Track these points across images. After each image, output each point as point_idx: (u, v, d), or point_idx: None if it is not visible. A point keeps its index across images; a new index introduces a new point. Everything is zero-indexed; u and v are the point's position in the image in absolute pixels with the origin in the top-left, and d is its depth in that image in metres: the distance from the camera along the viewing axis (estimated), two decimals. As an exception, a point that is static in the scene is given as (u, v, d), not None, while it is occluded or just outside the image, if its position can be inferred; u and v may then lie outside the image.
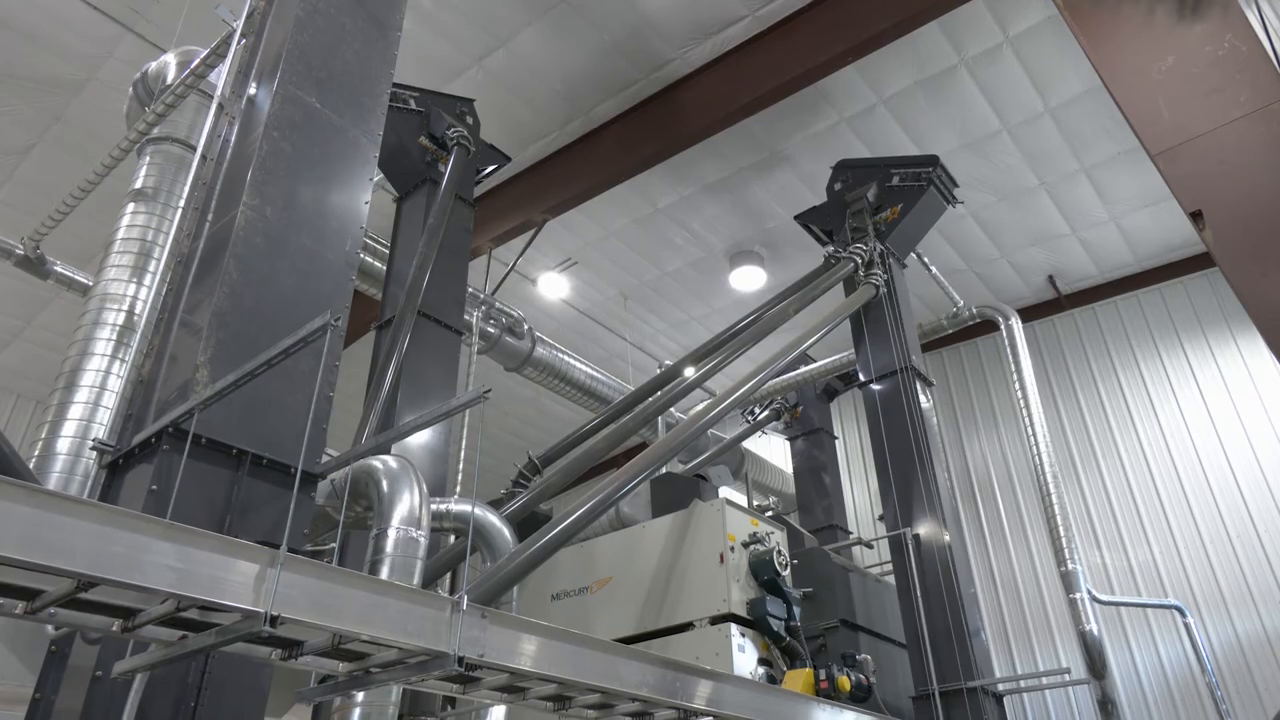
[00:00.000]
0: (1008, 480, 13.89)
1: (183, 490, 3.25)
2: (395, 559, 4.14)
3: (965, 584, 8.53)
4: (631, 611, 6.86)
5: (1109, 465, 13.04)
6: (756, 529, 6.90)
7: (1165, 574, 12.05)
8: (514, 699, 3.55)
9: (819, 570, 8.98)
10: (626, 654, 3.65)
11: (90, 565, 2.21)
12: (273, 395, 3.77)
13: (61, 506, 2.24)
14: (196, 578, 2.38)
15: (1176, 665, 11.59)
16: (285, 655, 2.88)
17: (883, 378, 9.68)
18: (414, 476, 4.42)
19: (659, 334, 15.03)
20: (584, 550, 7.52)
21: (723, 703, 3.99)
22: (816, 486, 12.89)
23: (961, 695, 7.84)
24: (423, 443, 7.19)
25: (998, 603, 13.20)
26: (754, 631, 6.42)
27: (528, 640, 3.22)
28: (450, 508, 5.37)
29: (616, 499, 5.72)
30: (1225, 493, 11.99)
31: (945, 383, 14.85)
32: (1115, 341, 13.72)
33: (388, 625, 2.78)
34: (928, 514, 8.78)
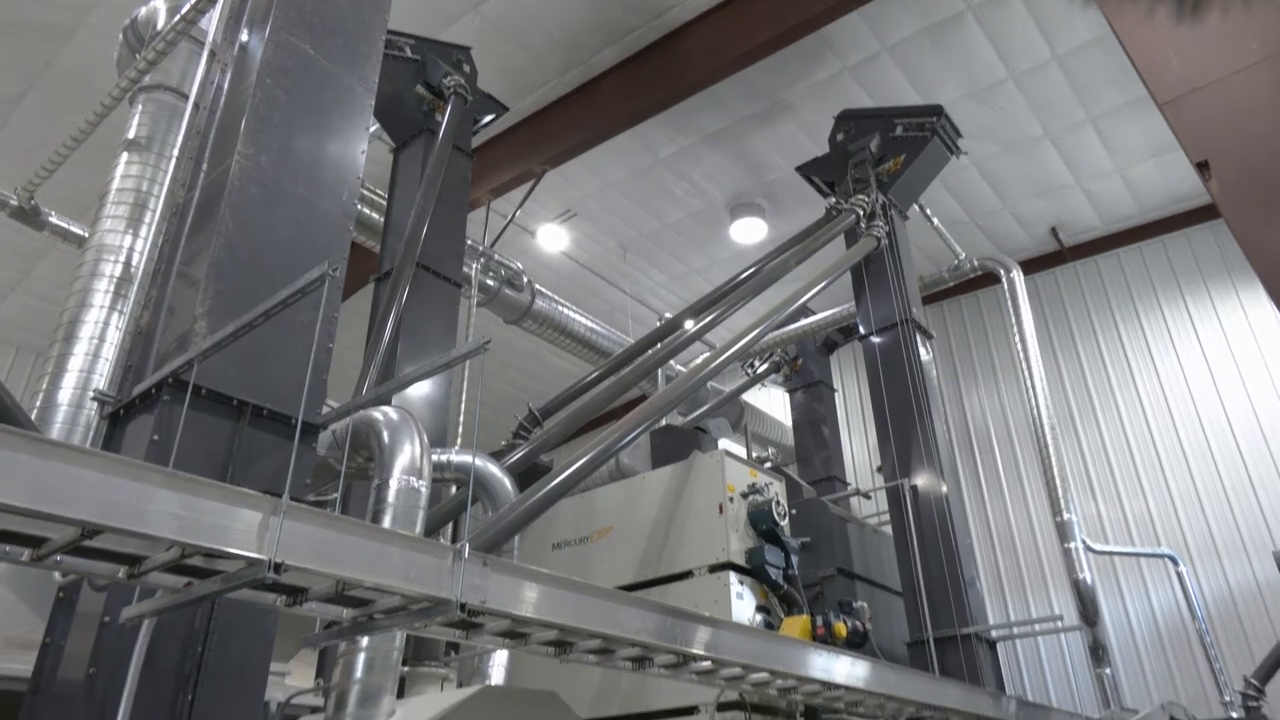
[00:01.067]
0: (1005, 432, 13.97)
1: (184, 441, 3.26)
2: (397, 508, 4.18)
3: (961, 534, 8.63)
4: (631, 560, 6.95)
5: (1107, 417, 13.11)
6: (755, 480, 6.95)
7: (1159, 524, 12.19)
8: (516, 644, 3.61)
9: (817, 520, 9.08)
10: (626, 600, 3.70)
11: (94, 513, 2.23)
12: (272, 346, 3.77)
13: (65, 456, 2.25)
14: (200, 526, 2.40)
15: (1167, 613, 11.79)
16: (290, 602, 2.92)
17: (883, 330, 9.67)
18: (415, 427, 4.44)
19: (659, 286, 14.98)
20: (584, 500, 7.59)
21: (721, 648, 4.05)
22: (815, 439, 12.97)
23: (956, 641, 7.99)
24: (423, 395, 7.21)
25: (993, 552, 13.38)
26: (752, 580, 6.50)
27: (529, 587, 3.26)
28: (451, 458, 5.40)
29: (616, 450, 5.75)
30: (1221, 444, 12.07)
31: (945, 335, 14.85)
32: (1116, 294, 13.69)
33: (390, 573, 2.81)
34: (926, 466, 8.85)
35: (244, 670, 3.31)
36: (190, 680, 3.15)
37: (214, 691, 3.19)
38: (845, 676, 4.82)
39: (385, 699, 4.03)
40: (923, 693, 5.52)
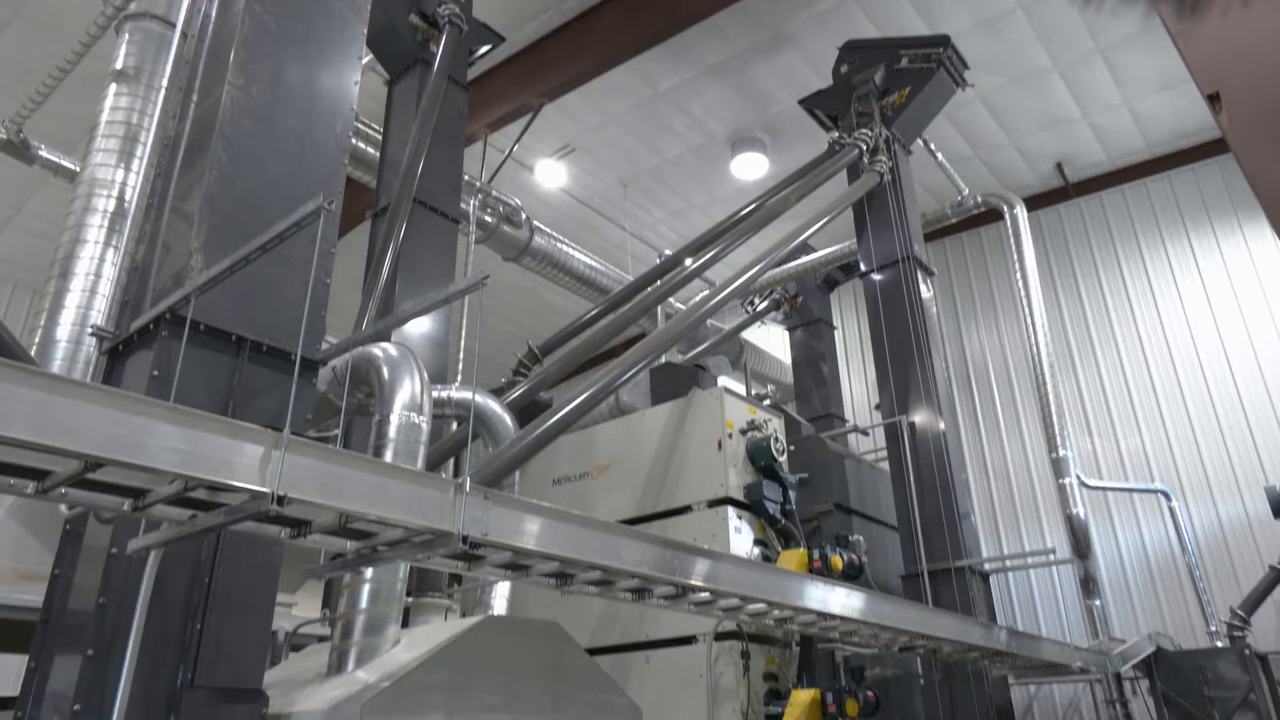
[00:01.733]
0: (1004, 369, 14.02)
1: (184, 376, 3.26)
2: (398, 443, 4.21)
3: (957, 470, 8.73)
4: (631, 495, 7.04)
5: (1105, 354, 13.13)
6: (754, 416, 6.99)
7: (1154, 460, 12.31)
8: (518, 576, 3.67)
9: (815, 456, 9.17)
10: (626, 534, 3.75)
11: (96, 447, 2.24)
12: (269, 281, 3.74)
13: (67, 390, 2.26)
14: (202, 459, 2.41)
15: (1158, 547, 11.99)
16: (294, 534, 2.96)
17: (884, 267, 9.61)
18: (414, 363, 4.44)
19: (658, 223, 14.84)
20: (584, 437, 7.65)
21: (719, 579, 4.12)
22: (814, 376, 13.00)
23: (949, 574, 8.14)
24: (423, 332, 7.20)
25: (988, 488, 13.54)
26: (750, 514, 6.60)
27: (530, 520, 3.30)
28: (451, 394, 5.42)
29: (616, 387, 5.77)
30: (1219, 380, 12.12)
31: (946, 272, 14.78)
32: (1120, 230, 13.58)
33: (393, 506, 2.84)
34: (924, 402, 8.89)
35: (251, 600, 3.37)
36: (198, 610, 3.22)
37: (222, 621, 3.26)
38: (840, 607, 4.91)
39: (390, 628, 4.12)
40: (916, 623, 5.64)
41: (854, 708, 6.00)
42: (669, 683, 6.23)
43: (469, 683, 3.72)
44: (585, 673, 4.30)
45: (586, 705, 4.21)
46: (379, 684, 3.52)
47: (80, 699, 2.93)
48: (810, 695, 5.96)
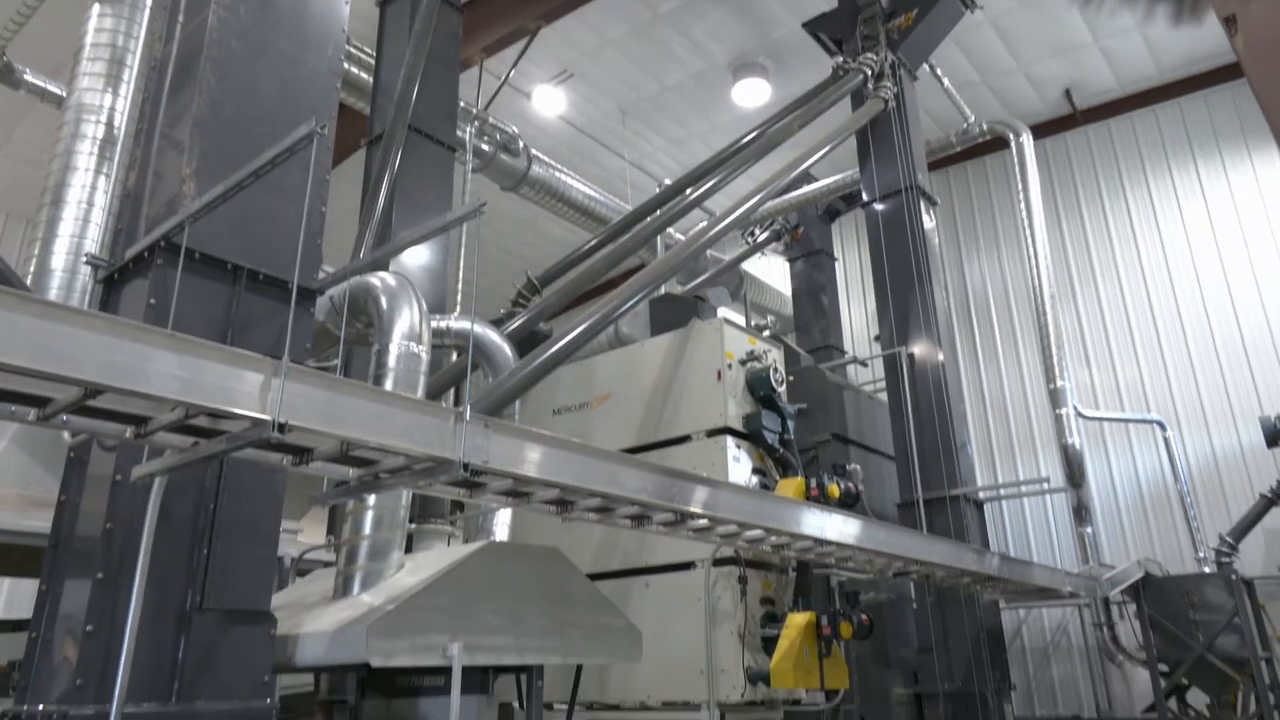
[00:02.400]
0: (1004, 300, 13.98)
1: (181, 305, 3.24)
2: (398, 373, 4.22)
3: (955, 400, 8.78)
4: (630, 425, 7.09)
5: (1106, 284, 13.09)
6: (754, 347, 6.99)
7: (1150, 391, 12.38)
8: (519, 503, 3.72)
9: (814, 387, 9.21)
10: (626, 461, 3.78)
11: (96, 374, 2.24)
12: (264, 209, 3.70)
13: (65, 317, 2.25)
14: (202, 386, 2.42)
15: (1151, 476, 12.14)
16: (296, 461, 2.99)
17: (886, 197, 9.50)
18: (412, 293, 4.42)
19: (658, 152, 14.60)
20: (584, 368, 7.66)
21: (717, 506, 4.18)
22: (814, 307, 12.98)
23: (944, 502, 8.26)
24: (421, 264, 7.15)
25: (985, 418, 13.64)
26: (749, 444, 6.66)
27: (530, 448, 3.33)
28: (450, 325, 5.41)
29: (616, 317, 5.76)
30: (1219, 310, 12.10)
31: (949, 202, 14.62)
32: (1127, 158, 13.38)
33: (394, 434, 2.86)
34: (923, 334, 8.89)
35: (256, 526, 3.42)
36: (205, 535, 3.27)
37: (228, 546, 3.31)
38: (836, 533, 5.00)
39: (394, 553, 4.20)
40: (910, 548, 5.75)
41: (848, 630, 6.15)
42: (668, 606, 6.37)
43: (472, 606, 3.81)
44: (586, 596, 4.40)
45: (587, 627, 4.32)
46: (384, 607, 3.60)
47: (92, 620, 3.00)
48: (806, 618, 6.10)
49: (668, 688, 6.18)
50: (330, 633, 3.59)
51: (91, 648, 2.97)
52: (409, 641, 3.52)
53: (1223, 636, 9.25)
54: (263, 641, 3.33)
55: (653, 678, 6.23)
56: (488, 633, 3.82)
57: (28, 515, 4.08)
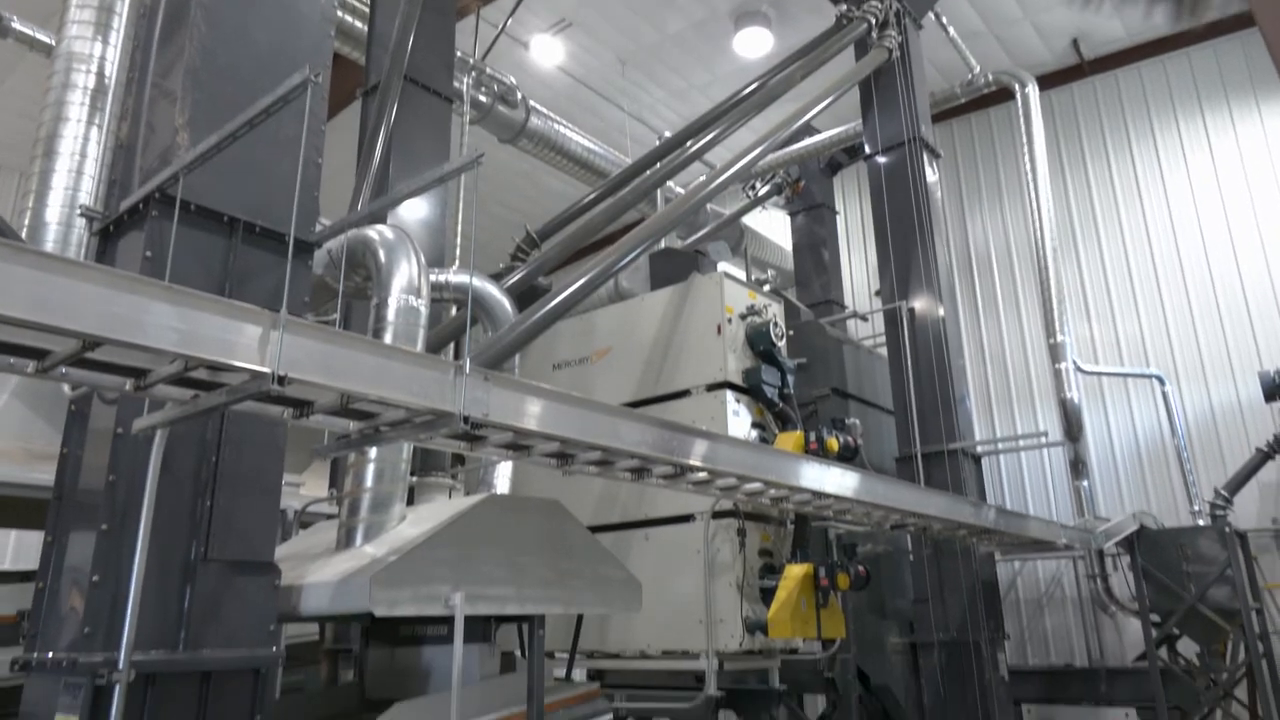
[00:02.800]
0: (1006, 254, 13.92)
1: (178, 258, 3.22)
2: (397, 326, 4.21)
3: (955, 355, 8.78)
4: (630, 380, 7.10)
5: (1109, 237, 13.01)
6: (754, 302, 6.97)
7: (1150, 345, 12.38)
8: (519, 456, 3.74)
9: (814, 342, 9.21)
10: (626, 415, 3.80)
11: (93, 326, 2.23)
12: (260, 161, 3.66)
13: (63, 269, 2.23)
14: (200, 339, 2.41)
15: (1148, 430, 12.20)
16: (297, 414, 2.99)
17: (889, 149, 9.39)
18: (411, 246, 4.39)
19: (658, 104, 14.40)
20: (583, 322, 7.65)
21: (717, 459, 4.21)
22: (815, 262, 12.91)
23: (942, 456, 8.31)
24: (419, 217, 7.10)
25: (984, 372, 13.67)
26: (749, 398, 6.67)
27: (531, 401, 3.34)
28: (449, 278, 5.38)
29: (615, 271, 5.73)
30: (1221, 263, 12.05)
31: (952, 155, 14.46)
32: (1133, 109, 13.21)
33: (394, 386, 2.86)
34: (924, 288, 8.86)
35: (258, 479, 3.44)
36: (207, 488, 3.29)
37: (231, 498, 3.34)
38: (835, 486, 5.04)
39: (395, 506, 4.23)
40: (907, 501, 5.80)
41: (845, 581, 6.23)
42: (667, 558, 6.45)
43: (473, 557, 3.85)
44: (586, 548, 4.45)
45: (588, 578, 4.37)
46: (386, 558, 3.64)
47: (98, 571, 3.03)
48: (804, 569, 6.18)
49: (667, 637, 6.28)
50: (334, 583, 3.63)
51: (98, 597, 3.01)
52: (411, 591, 3.56)
53: (1214, 588, 9.38)
54: (267, 591, 3.37)
55: (652, 628, 6.33)
56: (489, 583, 3.87)
57: (31, 468, 4.11)
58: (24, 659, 3.20)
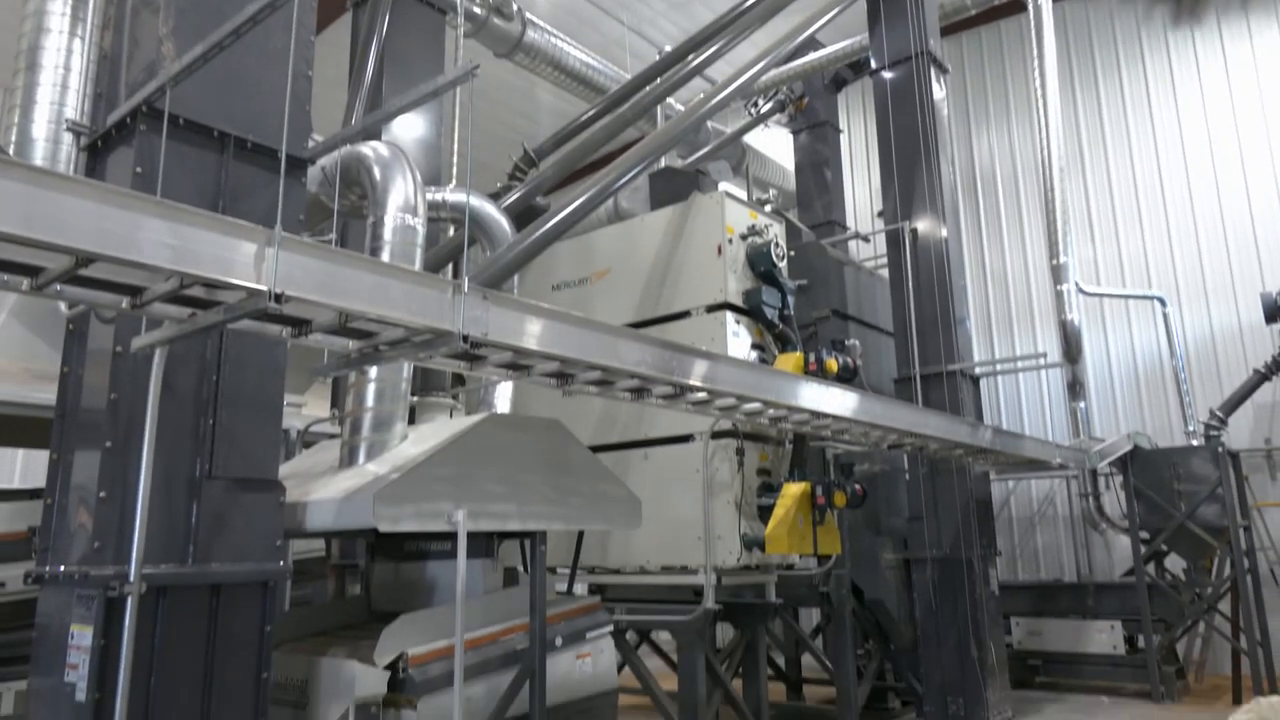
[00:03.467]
0: (1011, 173, 13.72)
1: (169, 174, 3.16)
2: (395, 245, 4.17)
3: (957, 276, 8.73)
4: (630, 301, 7.07)
5: (1117, 156, 12.80)
6: (755, 222, 6.89)
7: (1153, 267, 12.31)
8: (519, 376, 3.75)
9: (814, 263, 9.15)
10: (626, 334, 3.79)
11: (86, 242, 2.20)
12: (248, 74, 3.56)
13: (55, 184, 2.20)
14: (194, 255, 2.38)
15: (1147, 352, 12.23)
16: (295, 333, 2.99)
17: (896, 64, 9.14)
18: (406, 163, 4.31)
19: (658, 16, 13.96)
20: (582, 243, 7.58)
21: (716, 379, 4.22)
22: (817, 182, 12.71)
23: (941, 378, 8.35)
24: (414, 136, 6.96)
25: (985, 293, 13.63)
26: (749, 320, 6.66)
27: (530, 321, 3.33)
28: (446, 197, 5.31)
29: (615, 189, 5.64)
30: (1230, 183, 11.88)
31: (959, 70, 14.10)
32: (1148, 20, 12.82)
33: (392, 305, 2.85)
34: (928, 208, 8.75)
35: (260, 397, 3.46)
36: (209, 406, 3.30)
37: (233, 416, 3.35)
38: (833, 406, 5.07)
39: (397, 425, 4.27)
40: (905, 421, 5.85)
41: (841, 499, 6.34)
42: (667, 477, 6.54)
43: (475, 474, 3.90)
44: (586, 466, 4.50)
45: (588, 495, 4.44)
46: (389, 475, 3.68)
47: (104, 487, 3.07)
48: (801, 488, 6.27)
49: (666, 553, 6.42)
50: (338, 500, 3.69)
51: (106, 513, 3.06)
52: (414, 508, 3.62)
53: (1204, 506, 9.55)
54: (272, 508, 3.42)
55: (651, 544, 6.46)
56: (491, 500, 3.93)
57: (32, 387, 4.12)
58: (36, 572, 3.27)
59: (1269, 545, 10.72)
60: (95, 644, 2.90)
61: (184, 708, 3.06)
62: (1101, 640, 10.01)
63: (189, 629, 3.11)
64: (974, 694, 7.71)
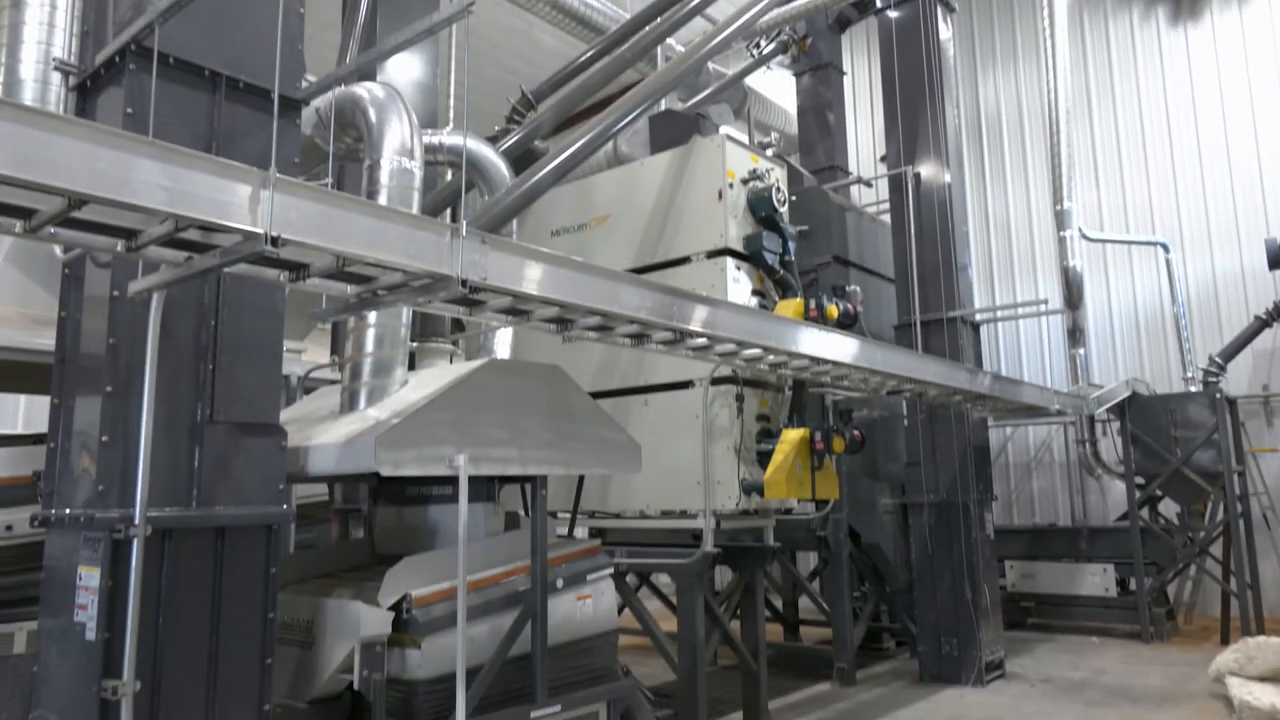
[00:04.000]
0: (1017, 117, 13.52)
1: (160, 115, 3.11)
2: (392, 189, 4.12)
3: (959, 222, 8.66)
4: (630, 246, 7.02)
5: (1125, 99, 12.61)
6: (756, 165, 6.80)
7: (1157, 212, 12.21)
8: (518, 321, 3.73)
9: (816, 208, 9.06)
10: (626, 279, 3.77)
11: (78, 183, 2.17)
12: (239, 12, 3.47)
13: (45, 124, 2.16)
14: (189, 198, 2.35)
15: (1148, 298, 12.20)
16: (293, 277, 2.97)
17: (902, 2, 8.94)
18: (402, 104, 4.24)
19: (659, -46, 13.57)
20: (582, 187, 7.49)
21: (716, 325, 4.21)
22: (820, 125, 12.50)
23: (941, 324, 8.34)
24: (410, 78, 6.80)
25: (987, 239, 13.55)
26: (749, 265, 6.62)
27: (529, 265, 3.30)
28: (443, 140, 5.23)
29: (614, 132, 5.55)
30: (1239, 128, 11.71)
31: (967, 9, 13.81)
32: (1161, -38, 12.51)
33: (390, 249, 2.82)
34: (932, 153, 8.64)
35: (259, 343, 3.45)
36: (208, 351, 3.30)
37: (233, 361, 3.35)
38: (833, 352, 5.07)
39: (397, 370, 4.27)
40: (904, 367, 5.85)
41: (840, 445, 6.37)
42: (666, 423, 6.57)
43: (476, 419, 3.91)
44: (587, 411, 4.51)
45: (588, 440, 4.46)
46: (390, 420, 3.70)
47: (106, 432, 3.08)
48: (800, 433, 6.31)
49: (666, 498, 6.48)
50: (339, 444, 3.71)
51: (109, 457, 3.07)
52: (415, 453, 3.64)
53: (1200, 451, 9.62)
54: (274, 452, 3.44)
55: (651, 489, 6.52)
56: (492, 445, 3.95)
57: (32, 333, 4.12)
58: (43, 515, 3.30)
59: (1262, 490, 10.83)
60: (103, 585, 2.94)
61: (192, 646, 3.12)
62: (1093, 583, 10.18)
63: (195, 570, 3.15)
64: (967, 634, 7.86)
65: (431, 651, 3.68)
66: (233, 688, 3.20)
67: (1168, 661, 8.64)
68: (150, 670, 3.00)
